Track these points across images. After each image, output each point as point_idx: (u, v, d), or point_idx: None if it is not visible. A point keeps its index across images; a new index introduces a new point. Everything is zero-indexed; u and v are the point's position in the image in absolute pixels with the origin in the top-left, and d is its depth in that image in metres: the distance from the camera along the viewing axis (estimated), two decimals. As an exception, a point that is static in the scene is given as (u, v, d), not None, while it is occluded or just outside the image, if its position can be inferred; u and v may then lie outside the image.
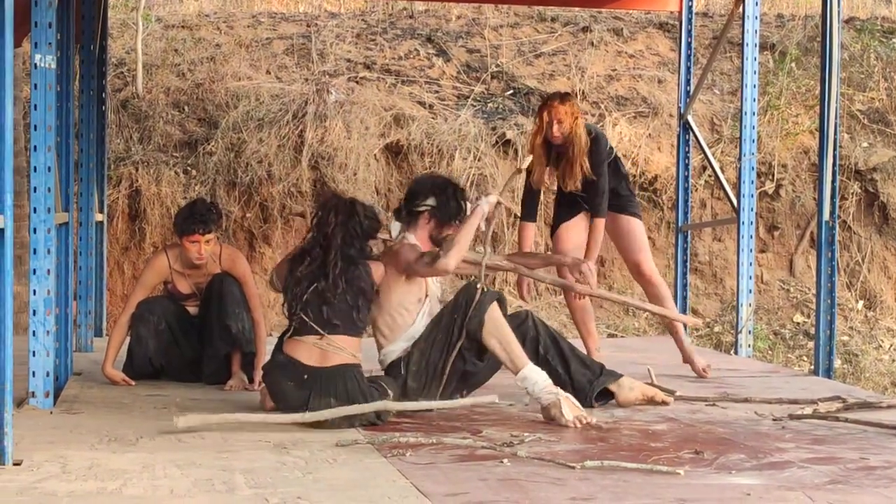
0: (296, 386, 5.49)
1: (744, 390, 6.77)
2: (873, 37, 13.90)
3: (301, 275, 5.56)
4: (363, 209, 5.65)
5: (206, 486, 4.12)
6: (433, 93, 13.04)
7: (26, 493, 3.97)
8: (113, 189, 11.79)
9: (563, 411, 5.57)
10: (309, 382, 5.46)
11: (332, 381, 5.44)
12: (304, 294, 5.52)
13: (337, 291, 5.48)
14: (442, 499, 3.97)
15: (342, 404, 5.38)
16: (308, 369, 5.48)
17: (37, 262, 5.72)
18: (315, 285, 5.50)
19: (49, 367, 5.79)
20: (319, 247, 5.56)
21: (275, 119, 12.35)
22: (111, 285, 11.39)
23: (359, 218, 5.59)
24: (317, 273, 5.52)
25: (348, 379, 5.44)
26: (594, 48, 13.75)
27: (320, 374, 5.46)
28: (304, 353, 5.52)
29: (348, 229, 5.56)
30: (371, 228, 5.65)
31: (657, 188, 12.73)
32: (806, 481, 4.36)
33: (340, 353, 5.48)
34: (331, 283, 5.48)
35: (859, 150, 13.08)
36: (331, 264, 5.49)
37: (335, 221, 5.56)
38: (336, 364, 5.47)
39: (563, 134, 7.08)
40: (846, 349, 12.27)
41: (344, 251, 5.51)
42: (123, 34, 13.24)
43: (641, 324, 12.39)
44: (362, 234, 5.61)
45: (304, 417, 5.15)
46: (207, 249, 6.75)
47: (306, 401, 5.43)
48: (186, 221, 6.72)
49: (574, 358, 6.09)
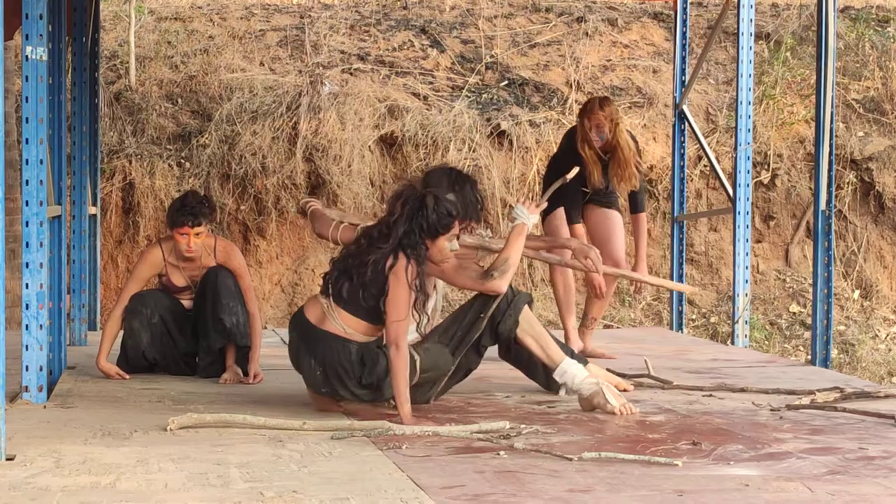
0: (297, 338, 5.54)
1: (741, 381, 6.76)
2: (868, 26, 13.88)
3: (351, 250, 5.53)
4: (434, 204, 5.45)
5: (200, 480, 4.09)
6: (427, 84, 13.02)
7: (19, 488, 3.95)
8: (106, 182, 11.76)
9: (608, 399, 5.62)
10: (303, 337, 5.51)
11: (317, 343, 5.47)
12: (342, 263, 5.50)
13: (362, 271, 5.42)
14: (438, 491, 3.95)
15: (319, 369, 5.45)
16: (306, 325, 5.50)
17: (29, 255, 5.69)
18: (351, 260, 5.47)
19: (42, 362, 5.76)
20: (379, 231, 5.49)
21: (269, 111, 12.32)
22: (105, 279, 11.37)
23: (426, 212, 5.42)
24: (359, 250, 5.47)
25: (330, 348, 5.44)
26: (589, 38, 13.73)
27: (312, 332, 5.49)
28: (312, 311, 5.54)
29: (412, 223, 5.43)
30: (439, 225, 5.44)
31: (653, 178, 12.71)
32: (804, 472, 4.34)
33: (335, 324, 5.46)
34: (363, 262, 5.41)
35: (855, 139, 13.07)
36: (377, 249, 5.41)
37: (401, 212, 5.45)
38: (327, 330, 5.46)
39: (600, 139, 7.47)
40: (842, 339, 12.27)
41: (402, 242, 5.43)
42: (116, 26, 13.21)
43: (637, 315, 12.38)
44: (427, 230, 5.42)
45: (304, 426, 5.12)
46: (197, 242, 6.71)
47: (299, 356, 5.52)
48: (177, 214, 6.71)
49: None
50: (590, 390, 5.69)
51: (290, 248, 12.25)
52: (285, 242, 12.23)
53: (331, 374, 5.47)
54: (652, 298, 12.58)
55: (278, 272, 12.16)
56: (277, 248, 12.19)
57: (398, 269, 5.35)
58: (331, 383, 5.49)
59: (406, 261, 5.37)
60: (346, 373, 5.46)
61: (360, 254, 5.46)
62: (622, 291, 12.55)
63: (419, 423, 5.21)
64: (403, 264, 5.36)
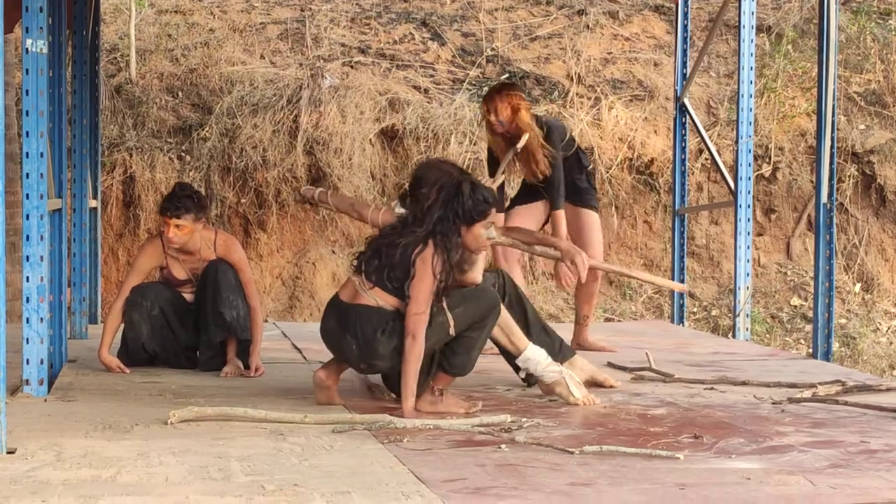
0: (333, 323, 5.50)
1: (742, 374, 6.75)
2: (870, 18, 13.86)
3: (385, 232, 5.52)
4: (471, 189, 5.40)
5: (201, 474, 4.09)
6: (428, 77, 13.00)
7: (20, 482, 3.94)
8: (107, 175, 11.75)
9: (571, 390, 5.62)
10: (339, 318, 5.47)
11: (350, 318, 5.43)
12: (375, 242, 5.49)
13: (391, 250, 5.41)
14: (439, 484, 3.95)
15: (355, 343, 5.39)
16: (341, 305, 5.48)
17: (30, 248, 5.68)
18: (382, 239, 5.45)
19: (43, 355, 5.75)
20: (414, 216, 5.46)
21: (269, 104, 12.31)
22: (105, 272, 11.36)
23: (461, 198, 5.37)
24: (393, 232, 5.45)
25: (364, 318, 5.39)
26: (590, 31, 13.71)
27: (346, 310, 5.45)
28: (345, 291, 5.53)
29: (447, 209, 5.37)
30: (474, 211, 5.38)
31: (653, 172, 12.70)
32: (806, 465, 4.33)
33: (368, 297, 5.43)
34: (394, 242, 5.39)
35: (856, 132, 13.06)
36: (408, 233, 5.37)
37: (436, 198, 5.40)
38: (360, 303, 5.43)
39: (500, 124, 7.27)
40: (844, 332, 12.26)
41: (436, 228, 5.38)
42: (116, 19, 13.19)
43: (638, 308, 12.37)
44: (462, 216, 5.37)
45: (305, 419, 5.11)
46: (178, 234, 6.67)
47: (338, 339, 5.47)
48: (162, 203, 6.73)
49: (536, 324, 6.09)
50: (552, 378, 5.68)
51: (291, 241, 12.25)
52: (286, 236, 12.22)
53: (364, 346, 5.40)
54: (653, 292, 12.57)
55: (279, 265, 12.15)
56: (278, 241, 12.18)
57: (425, 257, 5.32)
58: (366, 357, 5.43)
59: (434, 249, 5.32)
60: (381, 339, 5.38)
61: (393, 235, 5.44)
62: (624, 285, 12.54)
63: (420, 418, 5.20)
64: (431, 252, 5.31)
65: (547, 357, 5.75)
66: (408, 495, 3.81)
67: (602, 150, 12.63)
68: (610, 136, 12.73)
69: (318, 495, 3.78)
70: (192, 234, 6.72)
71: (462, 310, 5.43)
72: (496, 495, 3.83)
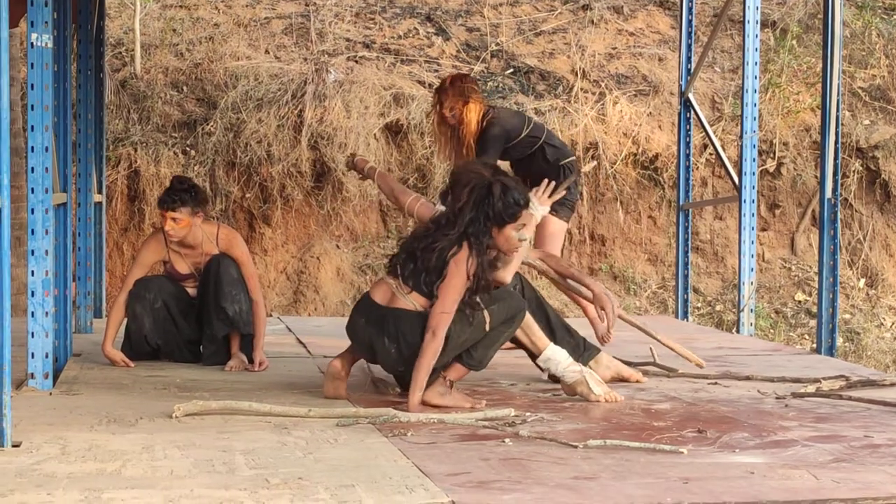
0: (365, 322, 5.50)
1: (746, 369, 6.75)
2: (874, 14, 13.85)
3: (418, 233, 5.54)
4: (501, 191, 5.41)
5: (206, 467, 4.09)
6: (433, 72, 13.00)
7: (25, 475, 3.95)
8: (112, 170, 11.76)
9: (591, 388, 5.62)
10: (373, 319, 5.47)
11: (388, 321, 5.44)
12: (411, 244, 5.50)
13: (427, 256, 5.42)
14: (443, 478, 3.95)
15: (394, 346, 5.41)
16: (375, 306, 5.49)
17: (35, 242, 5.69)
18: (418, 243, 5.46)
19: (48, 349, 5.76)
20: (447, 218, 5.48)
21: (274, 99, 12.31)
22: (110, 266, 11.38)
23: (492, 200, 5.38)
24: (427, 235, 5.46)
25: (402, 321, 5.42)
26: (594, 26, 13.71)
27: (382, 312, 5.46)
28: (379, 293, 5.53)
29: (478, 210, 5.39)
30: (505, 213, 5.39)
31: (658, 167, 12.70)
32: (810, 459, 4.34)
33: (406, 301, 5.45)
34: (430, 247, 5.40)
35: (860, 127, 13.05)
36: (444, 236, 5.39)
37: (468, 199, 5.42)
38: (398, 307, 5.45)
39: (452, 116, 7.26)
40: (848, 327, 12.26)
41: (468, 230, 5.40)
42: (121, 14, 13.19)
43: (643, 303, 12.37)
44: (493, 217, 5.38)
45: (309, 413, 5.12)
46: (177, 227, 6.67)
47: (371, 340, 5.47)
48: (159, 197, 6.75)
49: (559, 325, 6.11)
50: (573, 378, 5.69)
51: (296, 236, 12.25)
52: (290, 230, 12.23)
53: (405, 349, 5.42)
54: (657, 287, 12.57)
55: (283, 260, 12.16)
56: (283, 235, 12.19)
57: (459, 259, 5.34)
58: (407, 360, 5.43)
59: (468, 251, 5.34)
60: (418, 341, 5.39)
61: (427, 238, 5.45)
62: (628, 280, 12.55)
63: (424, 412, 5.21)
64: (465, 255, 5.34)
65: (568, 357, 5.77)
66: (412, 489, 3.81)
67: (606, 145, 12.63)
68: (614, 131, 12.73)
69: (322, 489, 3.79)
70: (190, 227, 6.72)
71: (496, 308, 5.48)
72: (500, 489, 3.84)
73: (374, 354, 5.56)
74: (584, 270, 12.47)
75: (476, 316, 5.42)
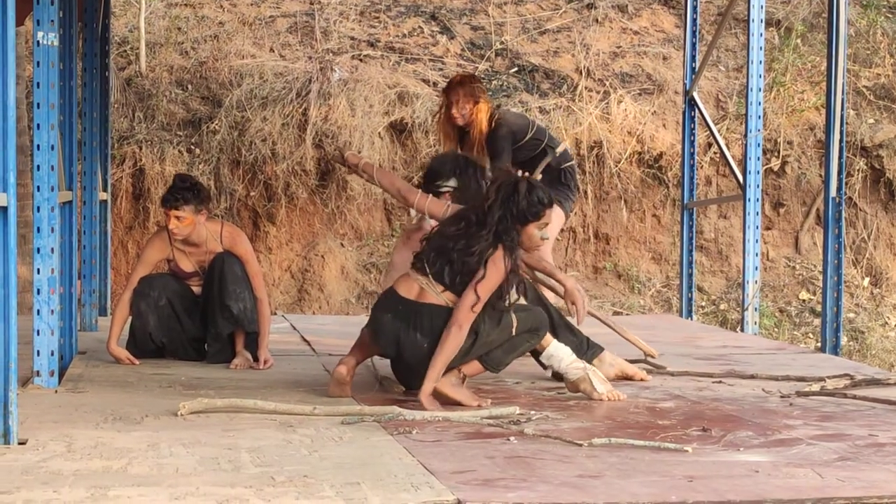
0: (392, 317, 5.50)
1: (750, 367, 6.75)
2: (879, 12, 13.84)
3: (448, 233, 5.53)
4: (527, 189, 5.46)
5: (211, 465, 4.10)
6: (437, 70, 13.00)
7: (31, 472, 3.96)
8: (116, 168, 11.77)
9: (594, 385, 5.63)
10: (401, 314, 5.48)
11: (419, 315, 5.45)
12: (442, 244, 5.51)
13: (465, 258, 5.44)
14: (448, 476, 3.96)
15: (427, 340, 5.42)
16: (402, 301, 5.50)
17: (41, 240, 5.70)
18: (453, 244, 5.47)
19: (54, 346, 5.77)
20: (476, 216, 5.49)
21: (278, 97, 12.32)
22: (115, 264, 11.39)
23: (517, 198, 5.44)
24: (462, 236, 5.47)
25: (435, 316, 5.44)
26: (599, 25, 13.71)
27: (414, 307, 5.48)
28: (406, 287, 5.55)
29: (508, 208, 5.44)
30: (528, 212, 5.44)
31: (662, 165, 12.70)
32: (815, 458, 4.34)
33: (438, 297, 5.47)
34: (470, 251, 5.41)
35: (865, 126, 13.04)
36: (480, 236, 5.42)
37: (495, 197, 5.46)
38: (431, 303, 5.47)
39: (462, 116, 7.30)
40: (852, 326, 12.25)
41: (499, 228, 5.43)
42: (126, 12, 13.20)
43: (647, 302, 12.38)
44: (517, 215, 5.43)
45: (314, 411, 5.13)
46: (181, 225, 6.67)
47: (398, 334, 5.47)
48: (163, 196, 6.76)
49: (561, 324, 6.12)
50: (576, 375, 5.70)
51: (300, 234, 12.26)
52: (295, 229, 12.23)
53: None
54: (661, 286, 12.57)
55: (288, 258, 12.17)
56: (287, 234, 12.20)
57: (497, 258, 5.38)
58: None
59: (504, 251, 5.38)
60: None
61: (460, 239, 5.47)
62: (633, 279, 12.55)
63: (433, 406, 5.22)
64: (501, 254, 5.38)
65: (571, 354, 5.78)
66: (417, 486, 3.82)
67: (611, 143, 12.63)
68: (619, 129, 12.73)
69: (327, 486, 3.79)
70: (194, 225, 6.72)
71: (523, 315, 5.53)
72: (505, 487, 3.84)
73: (399, 349, 5.54)
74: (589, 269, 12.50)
75: (504, 318, 5.48)
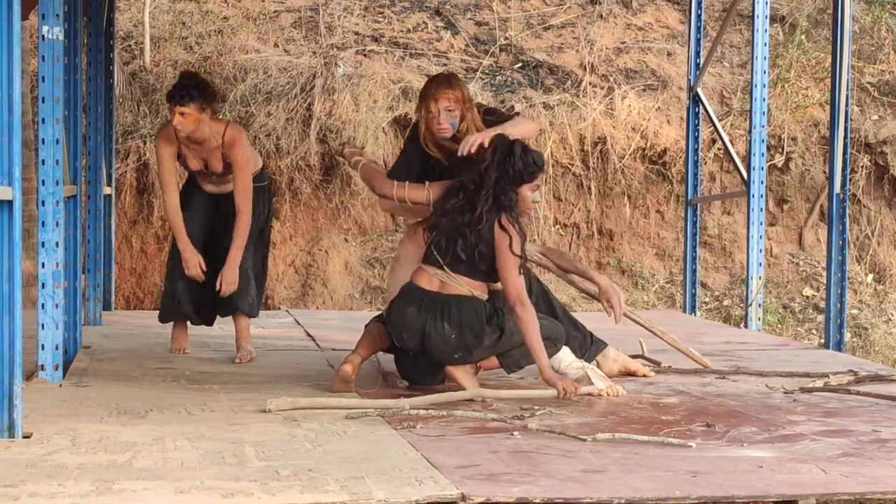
0: (417, 310, 5.52)
1: (754, 363, 6.76)
2: (884, 9, 13.83)
3: (450, 206, 5.55)
4: (522, 151, 5.52)
5: (216, 459, 4.11)
6: (441, 66, 12.99)
7: (36, 466, 3.97)
8: (121, 162, 11.77)
9: (593, 382, 5.66)
10: (427, 305, 5.50)
11: (447, 305, 5.49)
12: (448, 225, 5.53)
13: (477, 227, 5.46)
14: (452, 471, 3.96)
15: (455, 331, 5.46)
16: (426, 293, 5.53)
17: (45, 234, 5.71)
18: (459, 218, 5.49)
19: (58, 341, 5.78)
20: (473, 182, 5.52)
21: (283, 92, 12.32)
22: (119, 259, 11.39)
23: (513, 159, 5.48)
24: (464, 206, 5.50)
25: (463, 306, 5.48)
26: (603, 21, 13.70)
27: (440, 298, 5.51)
28: (426, 281, 5.57)
29: (504, 169, 5.48)
30: (524, 173, 5.50)
31: (666, 161, 12.70)
32: (818, 454, 4.35)
33: (459, 288, 5.51)
34: (476, 217, 5.44)
35: (869, 122, 13.03)
36: (480, 199, 5.45)
37: (491, 158, 5.50)
38: (456, 293, 5.50)
39: (452, 126, 5.87)
40: (855, 323, 12.25)
41: (496, 190, 5.46)
42: (130, 7, 13.20)
43: (651, 297, 12.38)
44: (514, 176, 5.48)
45: (406, 404, 5.13)
46: (185, 122, 6.57)
47: (424, 326, 5.49)
48: (168, 92, 6.71)
49: (565, 319, 6.11)
50: (576, 374, 5.73)
51: (304, 229, 12.26)
52: (299, 224, 12.24)
53: (468, 336, 5.48)
54: (665, 282, 12.57)
55: (292, 253, 12.18)
56: (291, 229, 12.20)
57: (504, 222, 5.43)
58: (466, 345, 5.50)
59: (505, 213, 5.44)
60: (488, 329, 5.50)
61: (464, 210, 5.50)
62: (636, 275, 12.55)
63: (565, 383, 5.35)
64: (505, 217, 5.44)
65: (570, 354, 5.81)
66: (421, 481, 3.82)
67: (615, 139, 12.63)
68: (623, 125, 12.72)
69: (331, 480, 3.80)
70: (198, 122, 6.63)
71: (546, 322, 5.61)
72: (509, 481, 3.85)
73: (424, 341, 5.54)
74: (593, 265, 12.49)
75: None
